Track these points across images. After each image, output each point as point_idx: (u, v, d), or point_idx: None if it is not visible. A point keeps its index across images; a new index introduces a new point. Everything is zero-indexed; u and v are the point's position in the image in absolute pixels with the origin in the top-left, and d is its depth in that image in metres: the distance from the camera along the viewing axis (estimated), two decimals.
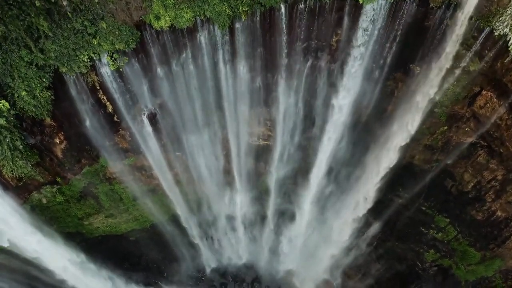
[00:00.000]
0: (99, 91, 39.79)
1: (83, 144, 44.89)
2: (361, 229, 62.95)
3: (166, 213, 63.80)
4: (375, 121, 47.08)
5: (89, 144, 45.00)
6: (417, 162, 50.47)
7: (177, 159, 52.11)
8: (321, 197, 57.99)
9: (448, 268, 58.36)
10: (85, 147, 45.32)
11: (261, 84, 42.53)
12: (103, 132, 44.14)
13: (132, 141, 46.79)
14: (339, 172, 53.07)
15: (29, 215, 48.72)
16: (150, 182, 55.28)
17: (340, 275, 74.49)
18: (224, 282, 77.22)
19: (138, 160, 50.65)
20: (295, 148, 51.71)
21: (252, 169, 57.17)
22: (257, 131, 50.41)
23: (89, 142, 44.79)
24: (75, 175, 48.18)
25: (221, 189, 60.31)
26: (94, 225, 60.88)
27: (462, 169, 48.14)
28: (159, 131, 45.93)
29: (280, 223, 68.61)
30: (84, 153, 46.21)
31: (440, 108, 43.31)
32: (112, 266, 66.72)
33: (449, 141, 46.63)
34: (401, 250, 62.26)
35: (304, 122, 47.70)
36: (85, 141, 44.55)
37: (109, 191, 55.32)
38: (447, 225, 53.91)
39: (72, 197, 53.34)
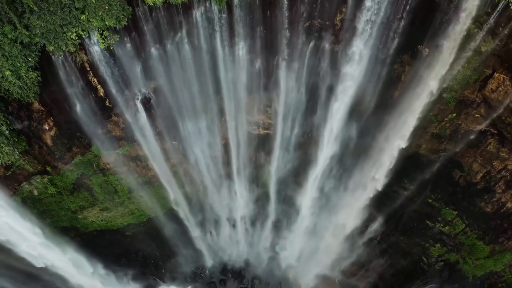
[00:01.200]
0: (89, 72, 37.55)
1: (73, 131, 42.63)
2: (364, 223, 60.31)
3: (163, 206, 61.53)
4: (380, 108, 44.18)
5: (80, 131, 42.73)
6: (423, 151, 48.41)
7: (174, 149, 49.89)
8: (323, 189, 55.49)
9: (454, 263, 56.23)
10: (76, 134, 43.08)
11: (261, 66, 40.35)
12: (95, 118, 41.90)
13: (125, 128, 44.53)
14: (343, 162, 50.47)
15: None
16: (146, 173, 52.99)
17: (342, 271, 71.80)
18: (224, 279, 75.27)
19: (132, 150, 48.35)
20: (297, 137, 49.30)
21: (252, 160, 54.74)
22: (257, 119, 48.18)
23: (80, 129, 42.54)
24: (66, 165, 45.86)
25: (219, 181, 57.92)
26: (89, 219, 58.62)
27: (470, 158, 46.29)
28: (154, 117, 43.69)
29: (281, 217, 66.26)
30: (75, 141, 43.92)
31: (449, 93, 41.52)
32: (108, 262, 64.15)
33: (458, 129, 44.64)
34: (405, 245, 60.09)
35: (306, 109, 45.28)
36: (76, 128, 42.32)
37: (103, 182, 53.10)
38: (454, 218, 51.81)
39: (65, 189, 51.08)
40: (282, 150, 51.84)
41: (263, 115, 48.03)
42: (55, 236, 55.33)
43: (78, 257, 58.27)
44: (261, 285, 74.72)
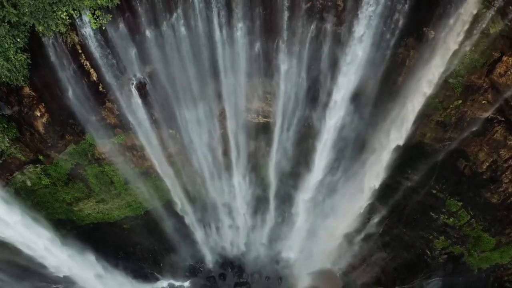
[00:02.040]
0: (81, 55, 36.02)
1: (66, 117, 41.14)
2: (366, 215, 58.79)
3: (160, 198, 60.10)
4: (384, 94, 42.91)
5: (73, 117, 41.25)
6: (428, 140, 47.00)
7: (171, 138, 48.42)
8: (325, 180, 53.96)
9: (459, 256, 54.77)
10: (69, 121, 41.56)
11: (260, 50, 38.86)
12: (88, 104, 40.39)
13: (120, 115, 43.01)
14: (345, 151, 48.89)
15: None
16: (143, 163, 51.50)
17: (344, 264, 70.32)
18: (223, 273, 74.06)
19: (128, 138, 46.84)
20: (298, 125, 47.66)
21: (251, 150, 53.15)
22: (256, 106, 46.65)
23: (73, 115, 41.09)
24: (59, 153, 44.35)
25: (218, 172, 56.44)
26: (85, 211, 57.16)
27: (476, 147, 44.89)
28: (149, 104, 42.16)
29: (282, 209, 64.64)
30: (67, 128, 42.38)
31: (455, 78, 39.98)
32: (106, 255, 62.59)
33: (463, 116, 43.26)
34: (409, 238, 58.63)
35: (307, 96, 43.63)
36: (68, 114, 40.83)
37: (99, 173, 51.60)
38: (459, 209, 50.42)
39: (59, 180, 49.57)
40: (282, 139, 50.19)
41: (262, 103, 46.48)
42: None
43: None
44: (261, 279, 73.57)
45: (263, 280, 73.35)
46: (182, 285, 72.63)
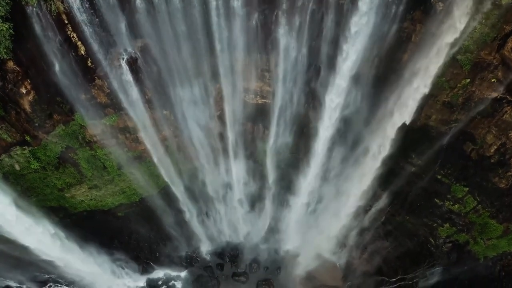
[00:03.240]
0: (67, 26, 33.79)
1: (53, 95, 38.96)
2: (368, 202, 56.67)
3: (155, 185, 57.94)
4: (388, 73, 41.22)
5: (60, 95, 39.04)
6: (433, 123, 45.17)
7: (165, 119, 46.24)
8: (326, 164, 51.64)
9: (464, 244, 52.87)
10: (56, 98, 39.37)
11: (258, 22, 36.51)
12: (76, 81, 38.14)
13: (111, 94, 40.81)
14: (346, 134, 46.62)
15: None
16: (136, 147, 49.33)
17: (345, 254, 68.44)
18: (221, 263, 72.03)
19: (120, 120, 44.63)
20: (298, 106, 45.34)
21: (249, 133, 50.84)
22: (254, 86, 44.49)
23: (61, 93, 38.92)
24: (47, 134, 42.13)
25: (215, 157, 54.14)
26: (77, 198, 54.96)
27: (484, 129, 43.03)
28: (141, 81, 39.92)
29: (280, 196, 62.52)
30: (55, 107, 40.12)
31: (464, 54, 38.10)
32: (100, 244, 60.48)
33: (471, 96, 41.39)
34: (412, 226, 56.57)
35: (307, 74, 41.35)
36: (55, 92, 38.65)
37: (91, 157, 49.45)
38: (465, 195, 48.49)
39: (49, 164, 47.43)
40: (281, 121, 48.10)
41: (261, 82, 44.25)
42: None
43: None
44: (259, 269, 71.69)
45: (262, 270, 71.62)
46: (178, 275, 70.69)
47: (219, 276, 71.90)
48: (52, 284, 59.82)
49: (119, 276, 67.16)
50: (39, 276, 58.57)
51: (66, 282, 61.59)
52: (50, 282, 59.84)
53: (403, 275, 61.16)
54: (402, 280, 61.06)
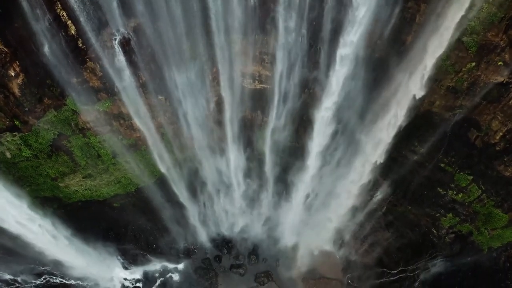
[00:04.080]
0: (56, 3, 32.22)
1: (43, 77, 37.31)
2: (369, 192, 55.18)
3: (152, 174, 56.38)
4: (391, 56, 40.05)
5: (50, 77, 37.42)
6: (437, 109, 43.92)
7: (160, 105, 44.67)
8: (326, 153, 50.03)
9: (467, 234, 51.63)
10: (46, 81, 37.70)
11: (256, 0, 34.25)
12: (67, 63, 36.52)
13: (104, 77, 39.19)
14: (349, 119, 45.14)
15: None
16: (131, 134, 47.76)
17: (345, 245, 67.13)
18: (219, 255, 70.65)
19: (114, 106, 43.04)
20: (297, 91, 43.75)
21: (247, 120, 49.18)
22: (252, 70, 42.94)
23: (51, 75, 37.30)
24: (38, 119, 40.56)
25: (212, 146, 52.50)
26: (71, 187, 53.42)
27: (489, 115, 41.73)
28: (135, 64, 38.32)
29: (279, 186, 61.08)
30: (45, 90, 38.50)
31: (470, 36, 36.93)
32: (95, 236, 59.05)
33: (477, 81, 40.02)
34: (414, 216, 55.22)
35: (308, 57, 39.73)
36: (45, 74, 37.03)
37: (84, 145, 47.86)
38: (469, 184, 47.13)
39: (42, 152, 45.90)
40: (280, 108, 46.31)
41: (259, 66, 42.69)
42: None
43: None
44: (258, 261, 70.30)
45: (260, 261, 70.40)
46: (176, 267, 69.37)
47: (217, 268, 70.79)
48: (47, 276, 58.20)
49: (115, 268, 64.97)
50: (34, 268, 56.61)
51: (61, 274, 59.80)
52: (45, 274, 58.16)
53: (404, 267, 60.01)
54: (403, 272, 59.87)
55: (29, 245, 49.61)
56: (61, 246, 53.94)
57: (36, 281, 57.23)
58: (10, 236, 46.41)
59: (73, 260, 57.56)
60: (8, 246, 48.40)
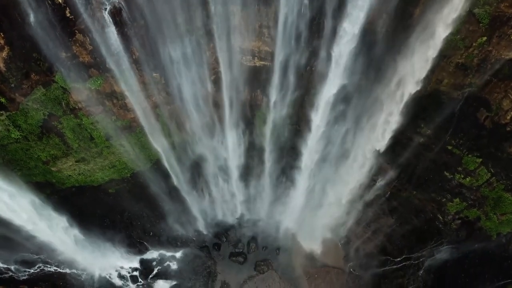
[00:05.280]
0: None
1: (29, 50, 35.07)
2: (372, 177, 53.05)
3: (147, 158, 54.30)
4: (397, 31, 37.94)
5: (37, 51, 35.19)
6: (445, 88, 41.94)
7: (155, 83, 42.50)
8: (328, 135, 47.93)
9: (474, 221, 49.70)
10: (33, 55, 35.28)
11: None
12: (55, 35, 34.29)
13: (94, 51, 36.91)
14: (352, 99, 42.83)
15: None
16: (125, 115, 45.58)
17: (346, 233, 65.28)
18: (218, 243, 68.85)
19: (106, 84, 40.85)
20: (299, 69, 41.37)
21: (246, 100, 46.94)
22: (252, 45, 40.72)
23: (37, 48, 35.11)
24: (25, 97, 38.23)
25: (210, 127, 50.30)
26: (64, 172, 51.31)
27: (500, 94, 39.59)
28: (128, 37, 36.13)
29: (280, 170, 59.06)
30: (32, 64, 36.20)
31: (482, 7, 34.83)
32: (90, 223, 57.04)
33: (487, 57, 37.81)
34: (419, 201, 53.15)
35: (310, 30, 37.40)
36: (31, 47, 34.80)
37: (76, 126, 45.70)
38: (478, 167, 45.20)
39: (31, 133, 43.85)
40: (281, 87, 43.95)
41: (259, 41, 40.52)
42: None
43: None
44: (258, 249, 68.73)
45: (260, 250, 68.74)
46: (173, 255, 67.63)
47: (216, 256, 69.28)
48: (42, 265, 56.33)
49: (111, 256, 63.12)
50: (27, 257, 54.71)
51: (56, 263, 57.95)
52: (40, 263, 56.28)
53: (409, 254, 58.13)
54: (408, 260, 58.07)
55: (22, 232, 47.70)
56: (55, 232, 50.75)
57: (30, 270, 55.26)
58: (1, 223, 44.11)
59: (67, 248, 54.96)
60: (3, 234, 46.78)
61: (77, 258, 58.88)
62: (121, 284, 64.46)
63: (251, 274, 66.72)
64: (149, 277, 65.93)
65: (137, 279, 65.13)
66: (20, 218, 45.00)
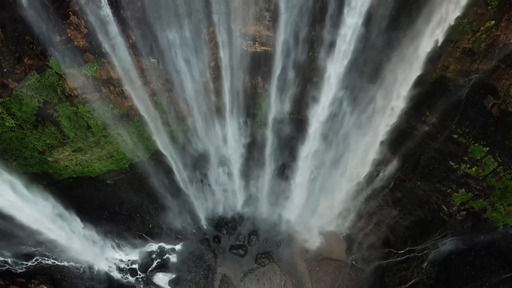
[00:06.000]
0: None
1: (21, 33, 33.47)
2: (376, 167, 51.73)
3: (146, 149, 53.02)
4: (403, 13, 36.80)
5: (30, 33, 33.70)
6: (451, 74, 40.94)
7: (153, 69, 41.13)
8: (331, 122, 46.48)
9: (480, 212, 48.66)
10: (25, 38, 33.71)
11: None
12: (47, 17, 32.97)
13: (89, 35, 35.59)
14: (355, 86, 41.46)
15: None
16: (122, 103, 44.23)
17: (349, 225, 63.79)
18: (218, 235, 67.58)
19: (103, 70, 39.47)
20: (301, 55, 39.94)
21: (247, 88, 45.48)
22: (252, 30, 39.40)
23: (30, 30, 33.80)
24: (18, 83, 36.75)
25: (210, 116, 48.90)
26: (61, 162, 50.08)
27: (508, 81, 38.63)
28: (124, 20, 34.83)
29: (281, 160, 57.68)
30: (25, 48, 34.87)
31: None
32: (88, 215, 55.80)
33: (495, 42, 36.80)
34: (423, 192, 51.97)
35: (313, 13, 35.70)
36: (24, 29, 33.52)
37: (72, 114, 44.42)
38: (484, 156, 44.20)
39: (26, 122, 42.66)
40: (282, 74, 42.50)
41: (260, 25, 39.15)
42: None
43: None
44: (258, 242, 67.43)
45: (261, 242, 67.53)
46: (173, 248, 66.50)
47: (216, 249, 68.25)
48: (39, 258, 55.17)
49: (109, 249, 61.92)
50: (24, 250, 53.53)
51: (54, 255, 56.82)
52: (37, 256, 55.10)
53: (412, 246, 56.96)
54: (411, 252, 56.89)
55: (19, 224, 46.52)
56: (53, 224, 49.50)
57: (28, 263, 54.11)
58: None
59: (65, 240, 53.77)
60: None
61: (75, 250, 57.32)
62: (119, 277, 63.39)
63: (252, 267, 65.67)
64: (148, 270, 64.84)
65: (136, 272, 64.03)
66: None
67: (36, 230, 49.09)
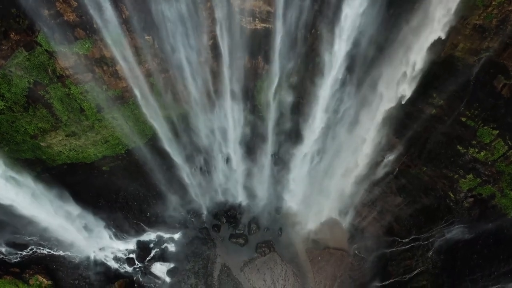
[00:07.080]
0: None
1: (7, 5, 31.33)
2: (380, 152, 49.80)
3: (142, 134, 51.31)
4: None
5: (16, 6, 31.21)
6: (460, 53, 39.42)
7: (148, 48, 38.98)
8: (333, 107, 44.60)
9: (488, 198, 47.00)
10: (11, 10, 31.44)
11: None
12: None
13: (80, 9, 33.39)
14: (359, 67, 39.52)
15: None
16: (116, 84, 42.38)
17: (351, 213, 62.03)
18: (217, 224, 66.08)
19: (95, 48, 37.54)
20: (303, 32, 37.89)
21: (247, 69, 43.45)
22: (252, 5, 37.21)
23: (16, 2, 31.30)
24: (5, 60, 34.86)
25: (208, 99, 46.86)
26: (55, 148, 48.36)
27: None
28: None
29: (282, 146, 55.86)
30: (11, 22, 32.78)
31: None
32: (84, 203, 54.03)
33: (507, 17, 35.06)
34: (429, 178, 50.24)
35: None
36: (9, 1, 30.96)
37: (65, 96, 42.68)
38: (494, 140, 42.53)
39: (16, 104, 41.02)
40: (283, 53, 40.39)
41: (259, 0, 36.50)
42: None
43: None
44: (259, 230, 66.00)
45: (262, 231, 66.06)
46: (171, 237, 65.22)
47: (215, 238, 66.89)
48: (34, 247, 53.57)
49: (106, 238, 60.26)
50: (18, 239, 51.87)
51: (49, 245, 55.18)
52: (32, 245, 53.48)
53: (417, 235, 55.46)
54: (416, 240, 55.32)
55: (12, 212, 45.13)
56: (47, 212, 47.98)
57: (22, 252, 52.53)
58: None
59: (61, 229, 52.05)
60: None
61: (71, 239, 55.69)
62: (117, 267, 61.91)
63: (252, 256, 64.23)
64: (146, 260, 63.40)
65: (134, 262, 62.55)
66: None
67: (30, 219, 46.65)
